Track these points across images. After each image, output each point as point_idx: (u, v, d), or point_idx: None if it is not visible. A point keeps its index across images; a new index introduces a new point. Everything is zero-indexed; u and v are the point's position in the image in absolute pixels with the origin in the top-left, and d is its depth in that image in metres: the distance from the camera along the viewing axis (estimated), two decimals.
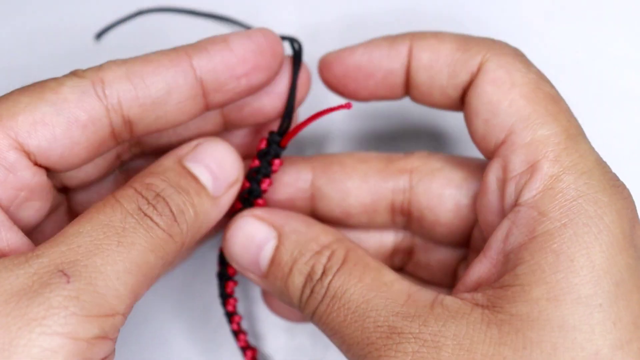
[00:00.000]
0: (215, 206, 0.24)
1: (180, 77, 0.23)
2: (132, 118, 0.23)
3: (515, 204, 0.22)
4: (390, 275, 0.23)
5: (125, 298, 0.20)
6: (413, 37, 0.25)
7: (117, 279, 0.20)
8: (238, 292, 0.30)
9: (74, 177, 0.26)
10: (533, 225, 0.21)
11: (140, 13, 0.32)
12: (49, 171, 0.23)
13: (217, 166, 0.24)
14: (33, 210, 0.23)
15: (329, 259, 0.24)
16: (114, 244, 0.20)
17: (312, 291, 0.23)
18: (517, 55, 0.24)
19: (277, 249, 0.25)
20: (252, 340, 0.32)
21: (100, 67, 0.22)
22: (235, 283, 0.28)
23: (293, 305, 0.25)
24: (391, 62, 0.25)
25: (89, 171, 0.26)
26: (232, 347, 0.31)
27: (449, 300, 0.22)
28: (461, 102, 0.25)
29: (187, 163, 0.24)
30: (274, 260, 0.25)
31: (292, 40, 0.27)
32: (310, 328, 0.33)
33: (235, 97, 0.24)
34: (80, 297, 0.19)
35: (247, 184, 0.26)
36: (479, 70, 0.24)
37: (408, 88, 0.26)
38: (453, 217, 0.26)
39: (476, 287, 0.23)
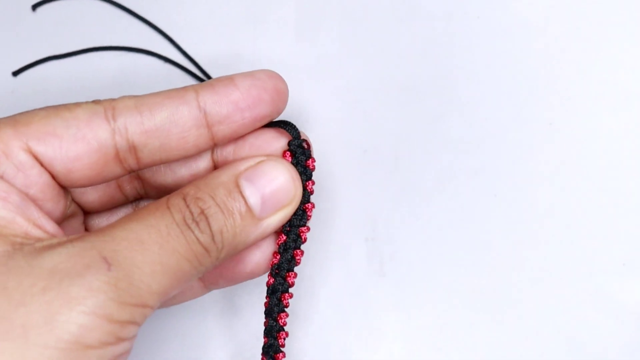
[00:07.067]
0: (258, 227, 0.26)
1: (184, 108, 0.25)
2: (136, 143, 0.25)
3: None
4: None
5: (156, 295, 0.22)
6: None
7: (152, 278, 0.22)
8: (241, 294, 0.30)
9: (84, 201, 0.28)
10: None
11: None
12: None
13: (271, 190, 0.26)
14: (45, 211, 0.24)
15: None
16: (156, 246, 0.22)
17: None
18: None
19: None
20: (252, 341, 0.32)
21: (114, 98, 0.25)
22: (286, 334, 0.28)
23: None
24: None
25: (96, 198, 0.28)
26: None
27: None
28: None
29: (242, 181, 0.25)
30: None
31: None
32: (310, 329, 0.33)
33: (241, 130, 0.26)
34: (118, 285, 0.21)
35: None
36: None
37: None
38: None
39: None
